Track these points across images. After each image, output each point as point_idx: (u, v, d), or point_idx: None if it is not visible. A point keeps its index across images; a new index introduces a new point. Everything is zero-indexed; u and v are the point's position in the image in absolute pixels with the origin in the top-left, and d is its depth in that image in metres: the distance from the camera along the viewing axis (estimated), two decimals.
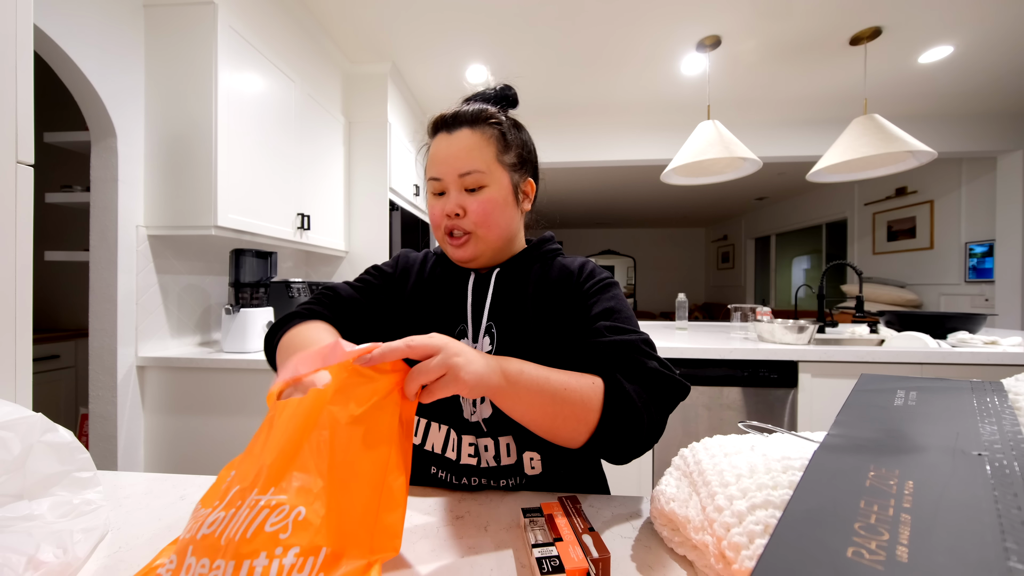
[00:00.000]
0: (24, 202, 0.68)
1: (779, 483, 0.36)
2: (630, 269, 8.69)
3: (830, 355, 1.60)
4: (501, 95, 0.67)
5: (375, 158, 2.54)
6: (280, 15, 1.93)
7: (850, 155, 2.03)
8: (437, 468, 0.62)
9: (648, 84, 2.82)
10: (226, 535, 0.32)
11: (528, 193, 0.68)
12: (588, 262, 0.69)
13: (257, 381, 1.50)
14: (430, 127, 0.65)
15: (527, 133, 0.68)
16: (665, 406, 0.53)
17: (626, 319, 0.59)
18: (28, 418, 0.43)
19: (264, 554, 0.31)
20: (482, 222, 0.61)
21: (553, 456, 0.61)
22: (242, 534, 0.32)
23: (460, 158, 0.60)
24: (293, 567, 0.31)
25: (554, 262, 0.69)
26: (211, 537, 0.33)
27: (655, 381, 0.53)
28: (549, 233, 0.73)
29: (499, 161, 0.62)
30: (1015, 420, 0.36)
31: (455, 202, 0.61)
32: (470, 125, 0.62)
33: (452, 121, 0.62)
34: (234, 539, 0.32)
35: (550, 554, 0.40)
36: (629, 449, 0.51)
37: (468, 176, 0.60)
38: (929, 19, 2.14)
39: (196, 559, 0.32)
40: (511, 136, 0.64)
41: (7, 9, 0.66)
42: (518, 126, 0.67)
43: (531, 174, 0.68)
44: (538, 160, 0.71)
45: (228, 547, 0.31)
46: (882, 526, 0.24)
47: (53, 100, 2.11)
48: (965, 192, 3.72)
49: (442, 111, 0.64)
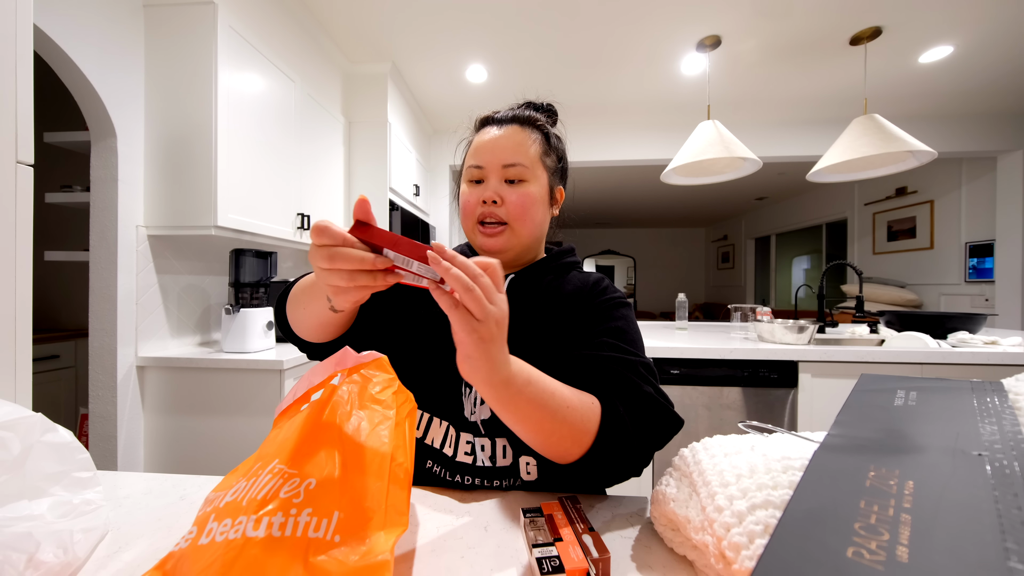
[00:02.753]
0: (24, 202, 0.68)
1: (779, 483, 0.36)
2: (630, 269, 8.69)
3: (830, 355, 1.60)
4: (548, 108, 0.72)
5: (375, 158, 2.54)
6: (280, 15, 1.93)
7: (850, 155, 2.03)
8: (433, 463, 0.62)
9: (648, 84, 2.82)
10: (248, 497, 0.36)
11: (559, 200, 0.70)
12: (603, 279, 0.69)
13: (257, 381, 1.50)
14: (478, 121, 0.68)
15: (564, 146, 0.72)
16: (657, 440, 0.52)
17: (631, 341, 0.59)
18: (28, 418, 0.43)
19: (280, 513, 0.34)
20: (519, 215, 0.62)
21: (549, 463, 0.60)
22: (263, 496, 0.35)
23: (507, 149, 0.62)
24: (308, 525, 0.33)
25: (569, 275, 0.69)
26: (235, 502, 0.36)
27: (651, 412, 0.52)
28: (570, 245, 0.74)
29: (542, 161, 0.65)
30: (1015, 420, 0.36)
31: (494, 190, 0.62)
32: (520, 124, 0.65)
33: (503, 118, 0.65)
34: (256, 499, 0.35)
35: (550, 554, 0.39)
36: (613, 476, 0.52)
37: (512, 168, 0.62)
38: (929, 19, 2.14)
39: (218, 523, 0.35)
40: (554, 142, 0.68)
41: (7, 9, 0.66)
42: (559, 137, 0.71)
43: (563, 183, 0.71)
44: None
45: (250, 506, 0.35)
46: (882, 526, 0.24)
47: (53, 100, 2.11)
48: (965, 192, 3.72)
49: (493, 110, 0.68)
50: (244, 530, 0.33)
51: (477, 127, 0.68)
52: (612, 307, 0.64)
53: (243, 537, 0.33)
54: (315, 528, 0.33)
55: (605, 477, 0.52)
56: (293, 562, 0.32)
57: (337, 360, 0.48)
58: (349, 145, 2.54)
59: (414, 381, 0.64)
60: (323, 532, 0.33)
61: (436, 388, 0.63)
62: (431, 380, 0.63)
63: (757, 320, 1.92)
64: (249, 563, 0.31)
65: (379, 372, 0.45)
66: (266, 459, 0.40)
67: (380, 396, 0.43)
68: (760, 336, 1.83)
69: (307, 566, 0.31)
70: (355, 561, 0.32)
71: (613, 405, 0.51)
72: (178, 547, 0.35)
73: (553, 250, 0.72)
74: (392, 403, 0.43)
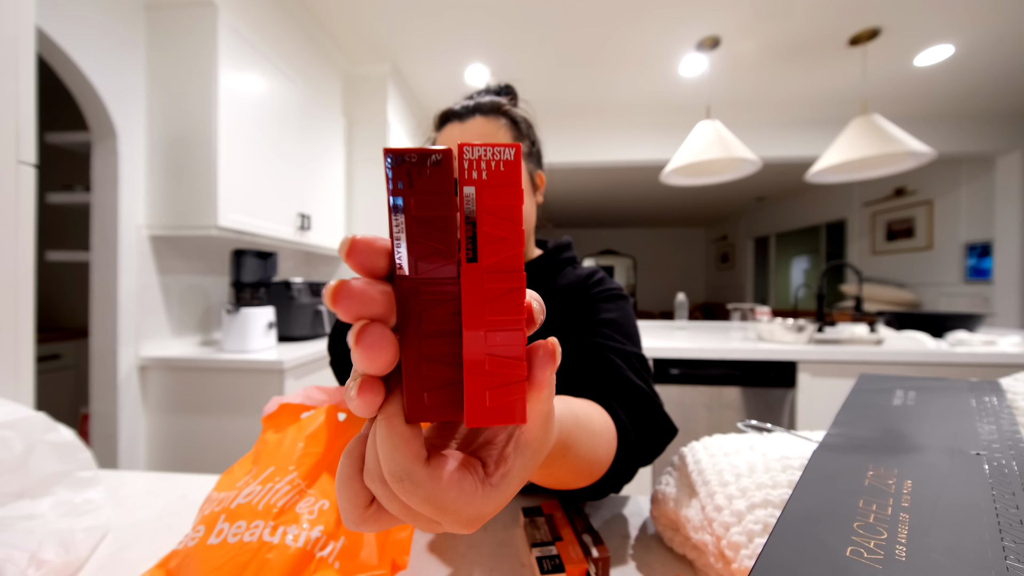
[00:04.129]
0: (25, 202, 0.68)
1: (778, 482, 0.36)
2: (630, 269, 8.69)
3: (829, 355, 1.61)
4: (506, 90, 0.66)
5: (375, 158, 2.54)
6: (281, 16, 1.93)
7: (849, 155, 2.03)
8: None
9: (648, 84, 2.82)
10: (264, 502, 0.37)
11: (540, 185, 0.66)
12: (599, 271, 0.67)
13: (257, 381, 1.50)
14: (437, 119, 0.63)
15: (534, 128, 0.67)
16: (652, 455, 0.50)
17: (626, 334, 0.58)
18: (30, 417, 0.43)
19: (295, 525, 0.35)
20: None
21: None
22: (281, 506, 0.36)
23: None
24: (318, 541, 0.35)
25: (565, 270, 0.67)
26: (249, 505, 0.37)
27: (653, 423, 0.50)
28: (567, 238, 0.71)
29: None
30: (1013, 420, 0.36)
31: None
32: (484, 113, 0.60)
33: (464, 110, 0.61)
34: (273, 506, 0.36)
35: (550, 554, 0.40)
36: (606, 493, 0.50)
37: None
38: (929, 19, 2.14)
39: (230, 524, 0.35)
40: (523, 127, 0.63)
41: (9, 10, 0.66)
42: (528, 121, 0.66)
43: (540, 167, 0.67)
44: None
45: (267, 512, 0.36)
46: (881, 525, 0.24)
47: (54, 100, 2.11)
48: (964, 192, 3.72)
49: (450, 105, 0.62)
50: (261, 535, 0.34)
51: (437, 124, 0.63)
52: (607, 299, 0.61)
53: (259, 541, 0.34)
54: (322, 547, 0.35)
55: (597, 495, 0.50)
56: (302, 573, 0.33)
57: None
58: (349, 145, 2.54)
59: None
60: (328, 552, 0.35)
61: None
62: None
63: (756, 320, 1.92)
64: (262, 565, 0.32)
65: None
66: (281, 467, 0.41)
67: None
68: (759, 336, 1.83)
69: None
70: None
71: (627, 435, 0.47)
72: (183, 545, 0.36)
73: (549, 246, 0.69)
74: None
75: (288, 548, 0.33)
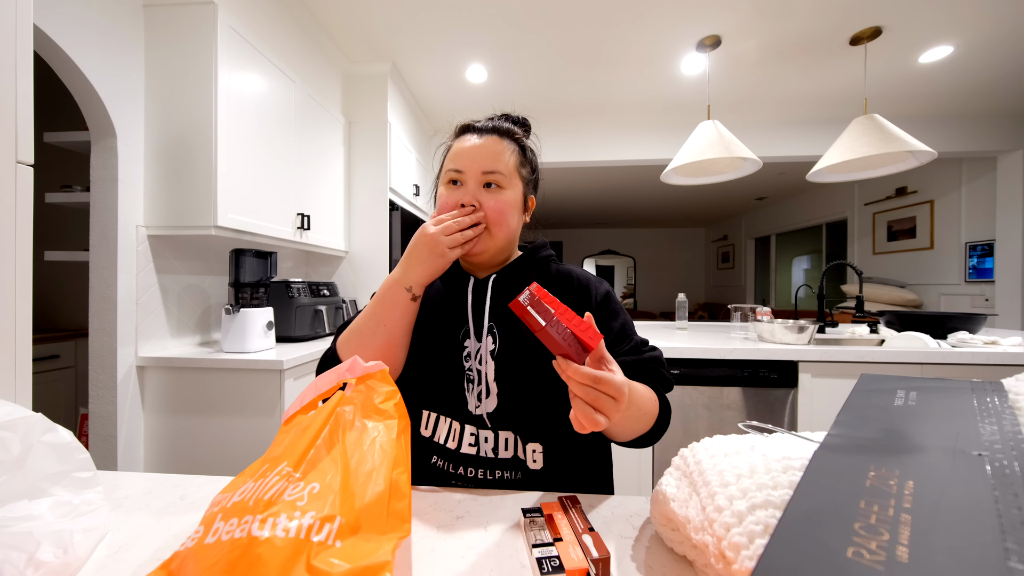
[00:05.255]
0: (24, 202, 0.68)
1: (779, 483, 0.36)
2: (630, 269, 8.69)
3: (830, 355, 1.60)
4: (523, 122, 0.75)
5: (375, 158, 2.54)
6: (280, 15, 1.93)
7: (850, 155, 2.03)
8: (437, 457, 0.66)
9: (648, 84, 2.82)
10: (255, 497, 0.37)
11: (530, 208, 0.75)
12: (576, 270, 0.75)
13: (257, 381, 1.50)
14: (458, 128, 0.72)
15: (537, 158, 0.76)
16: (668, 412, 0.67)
17: (633, 332, 0.69)
18: (28, 418, 0.43)
19: (285, 515, 0.35)
20: (496, 219, 0.65)
21: (556, 449, 0.64)
22: (269, 497, 0.36)
23: (487, 157, 0.66)
24: (311, 527, 0.34)
25: (549, 267, 0.74)
26: (242, 502, 0.37)
27: (666, 401, 0.66)
28: (543, 240, 0.77)
29: (518, 171, 0.69)
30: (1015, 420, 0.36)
31: (472, 194, 0.65)
32: (499, 135, 0.68)
33: (483, 127, 0.69)
34: (262, 499, 0.36)
35: (550, 554, 0.40)
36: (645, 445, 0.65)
37: (491, 175, 0.65)
38: (929, 19, 2.14)
39: (225, 522, 0.36)
40: (530, 155, 0.73)
41: (7, 9, 0.65)
42: (533, 150, 0.75)
43: (535, 193, 0.76)
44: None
45: (256, 506, 0.36)
46: (882, 526, 0.24)
47: (53, 100, 2.11)
48: (965, 192, 3.72)
49: (472, 119, 0.72)
50: (250, 529, 0.34)
51: (457, 133, 0.71)
52: (605, 303, 0.70)
53: (248, 536, 0.33)
54: (317, 531, 0.34)
55: (640, 445, 0.64)
56: (296, 562, 0.32)
57: (347, 368, 0.49)
58: (349, 145, 2.54)
59: (419, 380, 0.68)
60: (325, 535, 0.34)
61: (440, 385, 0.67)
62: (435, 378, 0.67)
63: (757, 320, 1.91)
64: (253, 561, 0.32)
65: (382, 384, 0.47)
66: (274, 462, 0.41)
67: (383, 407, 0.45)
68: (760, 336, 1.83)
69: (309, 568, 0.32)
70: (355, 563, 0.33)
71: (665, 400, 0.65)
72: (184, 546, 0.36)
73: (527, 248, 0.76)
74: (394, 414, 0.45)
75: (278, 540, 0.33)
